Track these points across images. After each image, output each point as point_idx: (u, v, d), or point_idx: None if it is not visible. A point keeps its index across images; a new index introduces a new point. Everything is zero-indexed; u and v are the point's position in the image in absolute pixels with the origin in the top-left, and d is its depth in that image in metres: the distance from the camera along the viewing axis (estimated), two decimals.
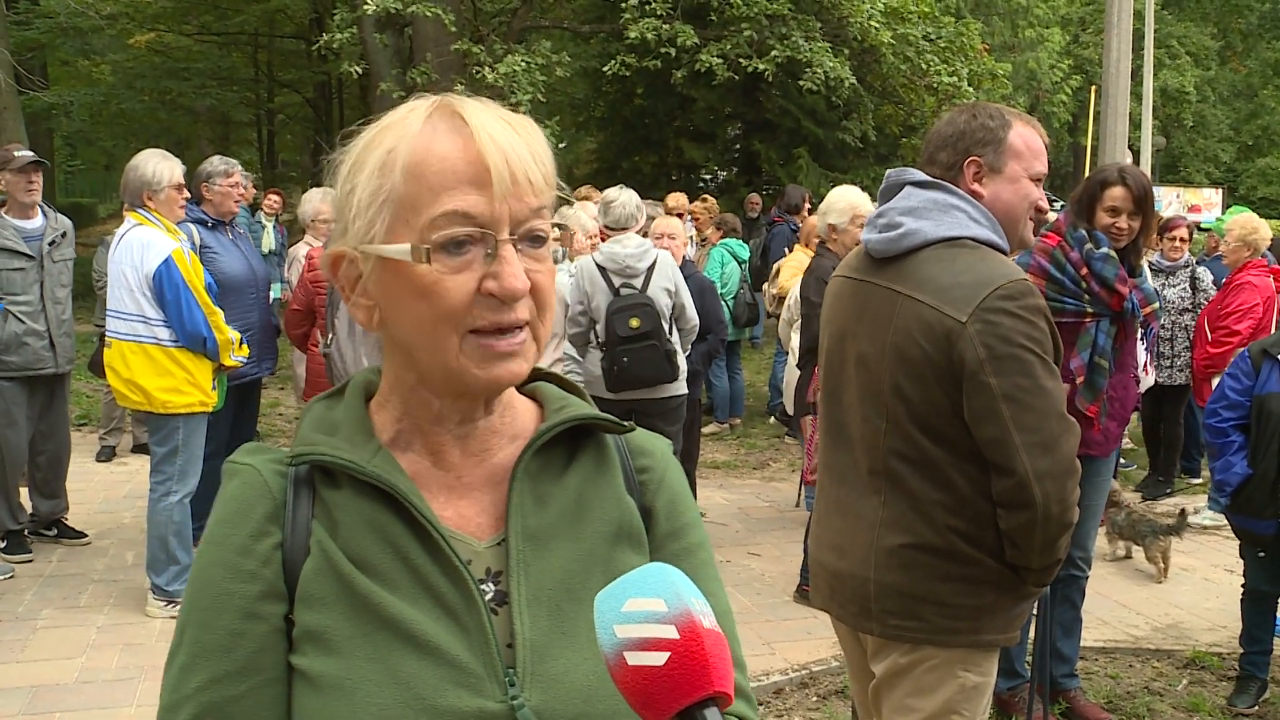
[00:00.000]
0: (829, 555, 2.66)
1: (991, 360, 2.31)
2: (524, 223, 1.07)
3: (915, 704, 2.54)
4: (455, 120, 1.06)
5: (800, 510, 7.08)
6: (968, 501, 2.43)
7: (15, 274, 5.76)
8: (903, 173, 2.62)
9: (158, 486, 5.20)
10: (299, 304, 5.76)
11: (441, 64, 13.04)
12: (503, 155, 1.04)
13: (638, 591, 0.92)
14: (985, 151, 2.53)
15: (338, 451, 1.10)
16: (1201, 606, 5.79)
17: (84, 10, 15.42)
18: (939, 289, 2.39)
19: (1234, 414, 4.35)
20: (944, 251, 2.44)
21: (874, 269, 2.57)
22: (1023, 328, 2.33)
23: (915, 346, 2.41)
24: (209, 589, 1.09)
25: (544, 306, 1.10)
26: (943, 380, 2.39)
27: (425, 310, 1.06)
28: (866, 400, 2.54)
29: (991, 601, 2.48)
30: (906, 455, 2.47)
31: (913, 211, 2.50)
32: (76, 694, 4.43)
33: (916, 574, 2.47)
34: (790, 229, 10.94)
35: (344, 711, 1.03)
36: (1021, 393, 2.31)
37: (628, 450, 1.23)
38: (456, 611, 1.07)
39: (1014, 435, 2.31)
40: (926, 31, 14.76)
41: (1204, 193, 26.39)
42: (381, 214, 1.07)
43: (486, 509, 1.15)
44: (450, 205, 1.04)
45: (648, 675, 0.89)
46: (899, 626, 2.51)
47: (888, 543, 2.50)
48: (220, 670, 1.07)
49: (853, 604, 2.58)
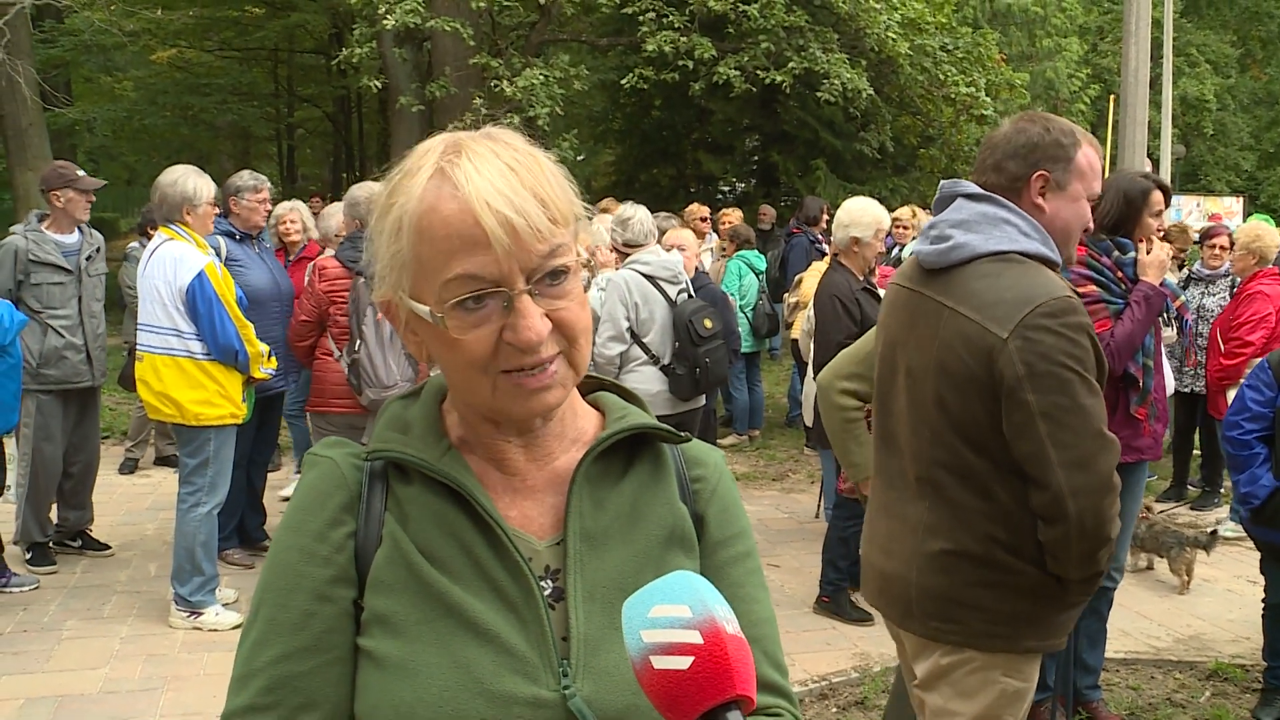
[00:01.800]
0: (878, 556, 2.72)
1: (1030, 377, 2.33)
2: (537, 270, 1.10)
3: (957, 708, 2.58)
4: (450, 184, 1.09)
5: (819, 522, 7.07)
6: (1008, 512, 2.46)
7: (55, 288, 5.85)
8: (956, 184, 2.64)
9: (188, 498, 5.24)
10: (308, 315, 5.66)
11: (460, 78, 13.13)
12: (498, 216, 1.07)
13: (664, 598, 0.95)
14: (1055, 168, 2.53)
15: (410, 449, 1.18)
16: (1224, 618, 5.75)
17: (107, 28, 15.59)
18: (983, 304, 2.41)
19: (1256, 426, 4.28)
20: (991, 266, 2.46)
21: (925, 280, 2.60)
22: (1064, 345, 2.34)
23: (958, 360, 2.44)
24: (285, 570, 1.16)
25: (575, 335, 1.15)
26: (984, 394, 2.41)
27: (456, 359, 1.13)
28: (913, 410, 2.58)
29: (1030, 609, 2.51)
30: (949, 465, 2.50)
31: (963, 224, 2.52)
32: (100, 704, 4.47)
33: (956, 579, 2.51)
34: (809, 240, 10.94)
35: (407, 691, 1.10)
36: (1059, 410, 2.33)
37: (683, 460, 1.29)
38: (516, 604, 1.14)
39: (1050, 451, 2.33)
40: (944, 42, 14.77)
41: (1225, 201, 26.19)
42: (403, 274, 1.14)
43: (548, 510, 1.21)
44: (458, 269, 1.09)
45: (672, 679, 0.91)
46: (939, 629, 2.56)
47: (930, 547, 2.54)
48: (291, 647, 1.14)
49: (898, 604, 2.65)
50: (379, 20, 12.37)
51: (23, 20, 13.87)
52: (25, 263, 5.75)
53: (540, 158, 1.14)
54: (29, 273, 5.77)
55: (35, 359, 5.77)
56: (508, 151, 1.12)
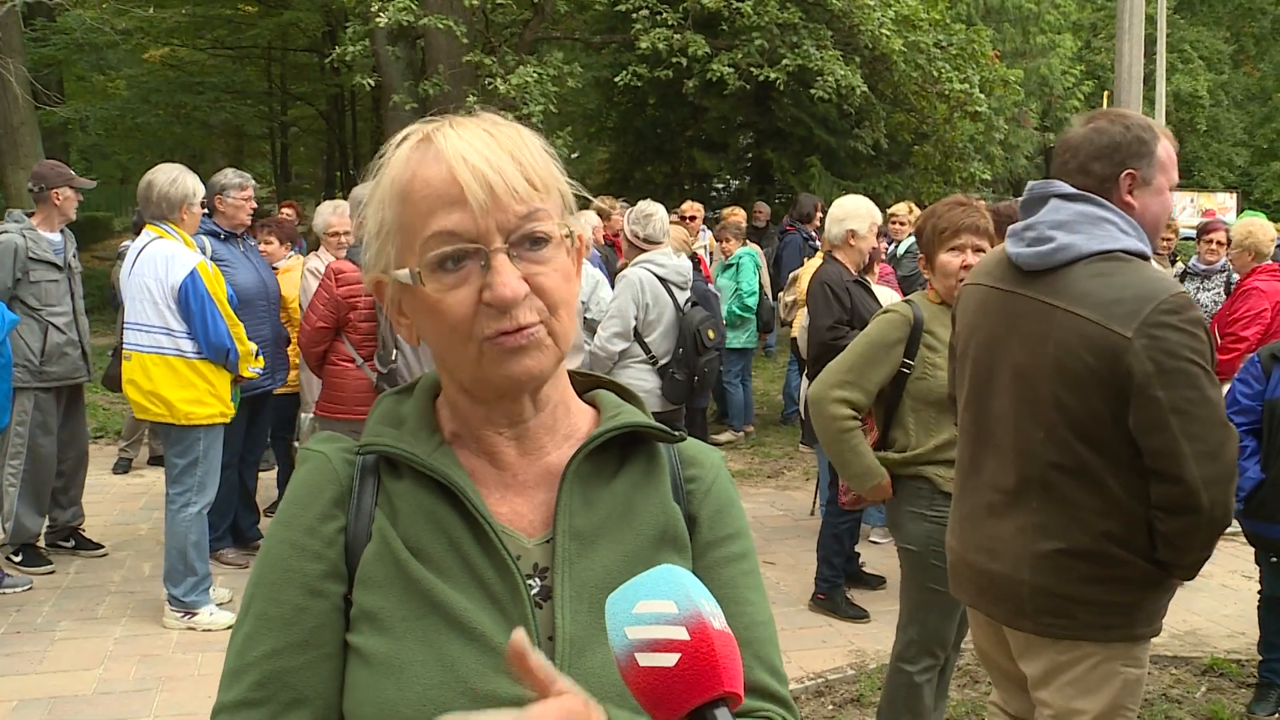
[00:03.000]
0: (980, 556, 2.75)
1: (1160, 374, 2.39)
2: (515, 230, 1.11)
3: (1083, 705, 2.64)
4: (433, 147, 1.13)
5: (815, 519, 7.07)
6: (1121, 505, 2.52)
7: (51, 285, 5.85)
8: (1048, 185, 2.65)
9: (177, 498, 5.22)
10: (325, 321, 5.22)
11: (454, 75, 13.10)
12: (475, 172, 1.09)
13: (649, 594, 0.93)
14: (1140, 164, 2.57)
15: (401, 444, 1.17)
16: (1220, 613, 5.76)
17: (99, 26, 15.55)
18: (1100, 304, 2.45)
19: (1245, 419, 4.32)
20: (1100, 265, 2.50)
21: (1022, 281, 2.63)
22: (1187, 341, 2.40)
23: (1078, 360, 2.48)
24: (277, 565, 1.16)
25: (556, 305, 1.14)
26: (1106, 392, 2.46)
27: (439, 325, 1.13)
28: (1023, 410, 2.61)
29: (1139, 598, 2.59)
30: (1063, 464, 2.55)
31: (1064, 225, 2.55)
32: (94, 705, 4.46)
33: (1069, 576, 2.57)
34: (802, 237, 10.95)
35: (392, 689, 1.10)
36: (1189, 404, 2.39)
37: (678, 459, 1.28)
38: (502, 602, 1.13)
39: (1183, 445, 2.39)
40: (938, 39, 14.74)
41: (1218, 197, 26.24)
42: (388, 243, 1.16)
43: (538, 507, 1.20)
44: (436, 226, 1.10)
45: (658, 676, 0.90)
46: (1053, 624, 2.61)
47: (1040, 548, 2.59)
48: (283, 641, 1.13)
49: (1006, 603, 2.68)
50: (372, 18, 12.34)
51: (14, 18, 13.82)
52: (24, 260, 5.74)
53: (523, 130, 1.17)
54: (27, 270, 5.76)
55: (37, 357, 5.76)
56: (487, 122, 1.15)
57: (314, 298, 5.34)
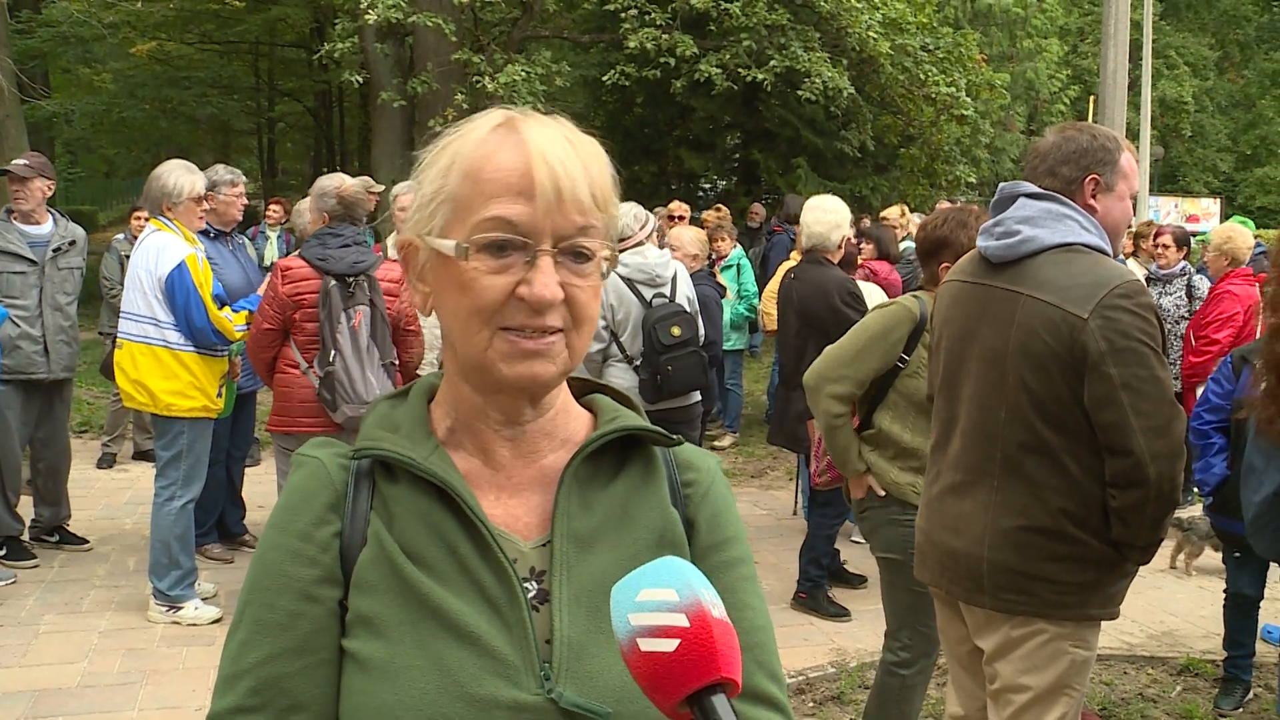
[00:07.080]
0: (944, 535, 2.89)
1: (1112, 352, 2.56)
2: (567, 237, 1.11)
3: (1029, 681, 2.77)
4: (516, 135, 1.13)
5: (797, 519, 7.12)
6: (1078, 485, 2.67)
7: (15, 277, 5.81)
8: (1016, 185, 2.86)
9: (162, 491, 5.22)
10: (271, 322, 4.90)
11: (442, 73, 13.11)
12: (551, 171, 1.10)
13: (651, 582, 0.97)
14: (1104, 170, 2.78)
15: (397, 447, 1.17)
16: (1196, 614, 5.83)
17: (86, 19, 15.49)
18: (1060, 289, 2.64)
19: (1215, 417, 4.49)
20: (1060, 256, 2.69)
21: (991, 273, 2.82)
22: (1139, 323, 2.58)
23: (1039, 341, 2.65)
24: (271, 570, 1.15)
25: (580, 320, 1.14)
26: (1065, 371, 2.62)
27: (464, 303, 1.12)
28: (988, 392, 2.77)
29: (1095, 578, 2.73)
30: (1025, 443, 2.70)
31: (1029, 220, 2.75)
32: (78, 698, 4.46)
33: (1028, 553, 2.71)
34: (790, 238, 10.98)
35: (388, 694, 1.09)
36: (1139, 381, 2.56)
37: (675, 463, 1.28)
38: (499, 606, 1.13)
39: (1131, 419, 2.56)
40: (925, 42, 14.84)
41: (1202, 202, 26.44)
42: (439, 210, 1.14)
43: (534, 510, 1.20)
44: (496, 211, 1.10)
45: (659, 661, 0.93)
46: (1010, 600, 2.75)
47: (1002, 524, 2.74)
48: (278, 647, 1.13)
49: (966, 580, 2.82)
50: (361, 15, 12.34)
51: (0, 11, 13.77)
52: None
53: (598, 145, 1.17)
54: None
55: None
56: (565, 127, 1.16)
57: (263, 299, 5.08)
